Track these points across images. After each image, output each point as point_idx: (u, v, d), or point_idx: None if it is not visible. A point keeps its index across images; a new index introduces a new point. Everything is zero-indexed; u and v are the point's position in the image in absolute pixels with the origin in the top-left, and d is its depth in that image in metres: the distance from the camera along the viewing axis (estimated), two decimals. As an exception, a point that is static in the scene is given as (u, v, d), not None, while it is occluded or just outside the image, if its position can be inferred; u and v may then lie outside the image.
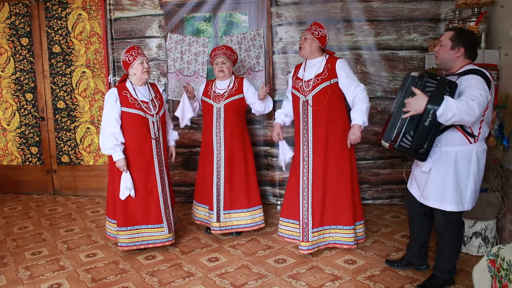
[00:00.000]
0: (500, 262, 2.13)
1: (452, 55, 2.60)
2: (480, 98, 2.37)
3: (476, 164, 2.56)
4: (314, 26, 3.35)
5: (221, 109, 3.68)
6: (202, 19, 4.96)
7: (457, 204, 2.60)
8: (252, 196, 3.77)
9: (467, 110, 2.34)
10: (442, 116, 2.38)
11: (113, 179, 3.45)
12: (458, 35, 2.59)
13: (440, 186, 2.62)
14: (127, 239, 3.43)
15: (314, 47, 3.34)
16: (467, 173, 2.57)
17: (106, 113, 3.34)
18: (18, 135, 5.27)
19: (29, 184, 5.34)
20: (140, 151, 3.39)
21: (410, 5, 4.30)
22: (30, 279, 3.17)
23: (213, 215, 3.70)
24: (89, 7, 4.88)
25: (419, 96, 2.43)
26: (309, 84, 3.32)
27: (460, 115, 2.35)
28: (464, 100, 2.36)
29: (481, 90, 2.40)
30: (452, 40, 2.59)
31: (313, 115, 3.30)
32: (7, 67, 5.17)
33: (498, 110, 3.19)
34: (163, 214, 3.47)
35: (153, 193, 3.46)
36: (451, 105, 2.34)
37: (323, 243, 3.40)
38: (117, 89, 3.37)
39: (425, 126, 2.45)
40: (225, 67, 3.69)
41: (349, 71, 3.29)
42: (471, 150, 2.55)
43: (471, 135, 2.53)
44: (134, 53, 3.38)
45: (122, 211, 3.40)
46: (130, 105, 3.34)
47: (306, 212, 3.33)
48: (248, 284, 2.99)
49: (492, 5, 3.44)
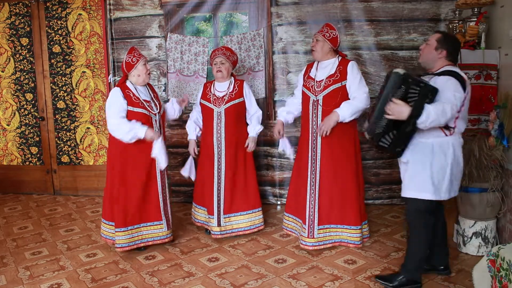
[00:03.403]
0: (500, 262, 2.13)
1: (435, 55, 2.73)
2: (454, 101, 2.55)
3: (452, 155, 2.67)
4: (325, 28, 3.37)
5: (222, 114, 3.66)
6: (202, 19, 4.96)
7: (434, 193, 2.68)
8: (251, 198, 3.77)
9: (442, 114, 2.53)
10: (422, 124, 2.55)
11: (112, 181, 3.44)
12: (444, 38, 2.74)
13: (417, 175, 2.72)
14: (126, 240, 3.41)
15: (326, 49, 3.36)
16: (445, 164, 2.67)
17: (112, 110, 3.31)
18: (18, 135, 5.27)
19: (29, 184, 5.33)
20: (144, 149, 3.39)
21: (410, 5, 4.30)
22: (30, 279, 3.17)
23: (213, 220, 3.68)
24: (89, 7, 4.88)
25: (402, 106, 2.55)
26: (321, 84, 3.34)
27: (438, 120, 2.53)
28: (440, 104, 2.53)
29: (455, 92, 2.57)
30: (438, 42, 2.72)
31: (322, 115, 3.32)
32: (7, 67, 5.16)
33: (498, 110, 3.19)
34: (162, 211, 3.49)
35: (154, 190, 3.47)
36: (431, 113, 2.51)
37: (330, 241, 3.41)
38: (120, 88, 3.38)
39: (406, 132, 2.64)
40: (223, 68, 3.67)
41: (357, 74, 3.31)
42: (447, 142, 2.68)
43: (447, 128, 2.66)
44: (136, 54, 3.40)
45: (121, 211, 3.39)
46: (134, 104, 3.35)
47: (313, 209, 3.37)
48: (248, 284, 2.99)
49: (492, 5, 3.44)
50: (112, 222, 3.47)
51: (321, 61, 3.42)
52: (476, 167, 3.17)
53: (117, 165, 3.40)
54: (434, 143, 2.68)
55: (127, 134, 3.27)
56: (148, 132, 3.28)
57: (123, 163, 3.39)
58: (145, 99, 3.42)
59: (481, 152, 3.16)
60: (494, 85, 3.39)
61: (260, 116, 3.81)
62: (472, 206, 3.24)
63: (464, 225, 3.31)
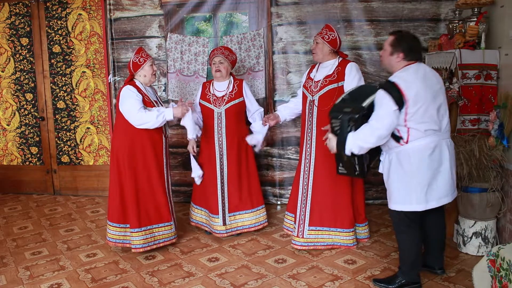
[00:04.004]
0: (500, 262, 2.14)
1: (392, 60, 2.66)
2: (375, 121, 2.53)
3: (411, 164, 2.58)
4: (324, 30, 3.38)
5: (222, 114, 3.67)
6: (202, 19, 4.96)
7: (402, 203, 2.64)
8: (255, 196, 3.79)
9: (366, 137, 2.54)
10: (351, 151, 2.59)
11: (119, 182, 3.41)
12: (397, 39, 2.63)
13: (389, 186, 2.71)
14: (142, 240, 3.40)
15: (326, 51, 3.37)
16: (409, 173, 2.60)
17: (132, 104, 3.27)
18: (18, 135, 5.27)
19: (29, 184, 5.33)
20: (155, 150, 3.41)
21: (410, 5, 4.30)
22: (30, 279, 3.17)
23: (218, 219, 3.68)
24: (89, 7, 4.88)
25: (331, 140, 2.69)
26: (318, 84, 3.35)
27: (365, 143, 2.55)
28: (368, 125, 2.56)
29: (380, 109, 2.53)
30: (391, 45, 2.65)
31: (317, 115, 3.33)
32: (7, 67, 5.16)
33: (498, 110, 3.19)
34: (172, 212, 3.52)
35: (162, 190, 3.48)
36: (354, 142, 2.56)
37: (322, 243, 3.41)
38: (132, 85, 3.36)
39: (346, 160, 2.70)
40: (222, 67, 3.67)
41: (355, 75, 3.29)
42: (405, 151, 2.60)
43: (397, 138, 2.60)
44: (144, 55, 3.41)
45: (134, 212, 3.38)
46: (147, 103, 3.36)
47: (304, 209, 3.37)
48: (248, 284, 2.99)
49: (492, 5, 3.44)
50: (123, 224, 3.45)
51: (322, 62, 3.42)
52: (476, 167, 3.17)
53: (126, 165, 3.37)
54: (394, 154, 2.65)
55: (157, 119, 3.28)
56: (175, 110, 3.33)
57: (132, 162, 3.38)
58: (153, 100, 3.46)
59: (481, 152, 3.16)
60: (494, 85, 3.39)
61: (262, 112, 3.82)
62: (472, 206, 3.24)
63: (464, 225, 3.31)
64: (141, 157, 3.38)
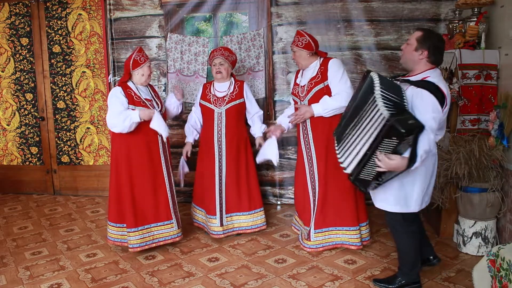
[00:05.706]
0: (500, 262, 2.14)
1: (415, 56, 2.54)
2: (433, 125, 2.38)
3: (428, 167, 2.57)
4: (296, 37, 3.36)
5: (223, 114, 3.67)
6: (202, 19, 4.96)
7: (401, 205, 2.63)
8: (253, 198, 3.77)
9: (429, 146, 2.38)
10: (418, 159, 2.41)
11: (117, 182, 3.43)
12: (425, 36, 2.52)
13: (386, 188, 2.65)
14: (139, 240, 3.41)
15: (305, 56, 3.35)
16: (413, 177, 2.56)
17: (112, 108, 3.31)
18: (18, 135, 5.27)
19: (29, 184, 5.33)
20: (150, 149, 3.42)
21: (410, 5, 4.30)
22: (30, 279, 3.17)
23: (215, 220, 3.68)
24: (89, 7, 4.88)
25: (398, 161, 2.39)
26: (304, 89, 3.36)
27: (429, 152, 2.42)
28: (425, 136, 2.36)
29: (433, 113, 2.39)
30: (418, 41, 2.52)
31: (311, 119, 3.32)
32: (7, 67, 5.16)
33: (498, 110, 3.19)
34: (172, 210, 3.51)
35: (162, 189, 3.48)
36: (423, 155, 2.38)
37: (331, 243, 3.41)
38: (122, 88, 3.39)
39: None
40: (223, 68, 3.68)
41: (337, 70, 3.26)
42: None
43: None
44: (144, 55, 3.45)
45: (131, 212, 3.39)
46: (136, 102, 3.37)
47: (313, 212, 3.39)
48: (248, 284, 2.99)
49: (492, 5, 3.45)
50: (120, 224, 3.46)
51: (306, 68, 3.42)
52: (476, 167, 3.17)
53: (123, 166, 3.39)
54: None
55: (123, 123, 3.27)
56: (142, 112, 3.30)
57: (128, 163, 3.39)
58: (146, 98, 3.45)
59: (481, 152, 3.16)
60: (494, 85, 3.39)
61: (262, 115, 3.83)
62: (472, 206, 3.24)
63: (464, 225, 3.31)
64: (136, 157, 3.39)
